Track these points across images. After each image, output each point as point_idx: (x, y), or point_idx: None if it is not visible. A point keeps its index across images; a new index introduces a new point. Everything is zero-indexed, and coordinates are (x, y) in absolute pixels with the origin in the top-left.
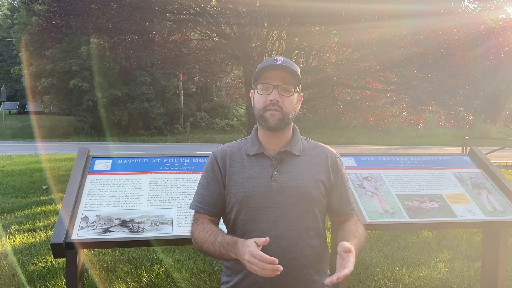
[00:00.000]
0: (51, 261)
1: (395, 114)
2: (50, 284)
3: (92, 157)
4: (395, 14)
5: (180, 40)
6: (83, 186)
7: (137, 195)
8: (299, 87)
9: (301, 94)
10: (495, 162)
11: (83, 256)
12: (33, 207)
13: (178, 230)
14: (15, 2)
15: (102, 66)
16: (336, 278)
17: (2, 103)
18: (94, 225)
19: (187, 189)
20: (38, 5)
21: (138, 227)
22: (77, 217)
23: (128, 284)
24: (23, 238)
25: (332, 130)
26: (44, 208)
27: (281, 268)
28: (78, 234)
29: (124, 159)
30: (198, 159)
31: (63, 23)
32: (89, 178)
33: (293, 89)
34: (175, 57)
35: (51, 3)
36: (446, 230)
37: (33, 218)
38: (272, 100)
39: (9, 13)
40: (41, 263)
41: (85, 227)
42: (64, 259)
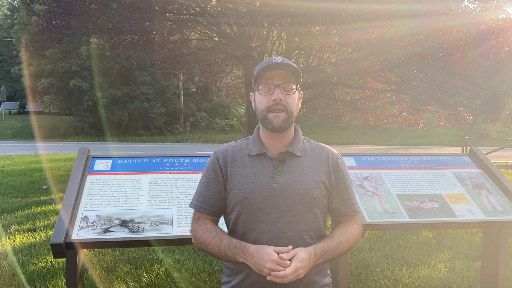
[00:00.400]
0: (51, 261)
1: (395, 114)
2: (50, 284)
3: (92, 157)
4: (395, 14)
5: (180, 40)
6: (83, 186)
7: (137, 195)
8: (299, 85)
9: (301, 92)
10: (495, 162)
11: (83, 256)
12: (33, 207)
13: (178, 230)
14: (15, 2)
15: (102, 66)
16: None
17: (2, 103)
18: (94, 225)
19: (187, 189)
20: (38, 5)
21: (138, 227)
22: (77, 217)
23: (128, 284)
24: (23, 238)
25: (332, 130)
26: (44, 208)
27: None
28: (78, 234)
29: (124, 159)
30: (198, 159)
31: (63, 23)
32: (89, 178)
33: (295, 87)
34: (175, 57)
35: (51, 3)
36: (446, 230)
37: (33, 218)
38: (276, 100)
39: (9, 13)
40: (41, 263)
41: (85, 227)
42: (64, 259)
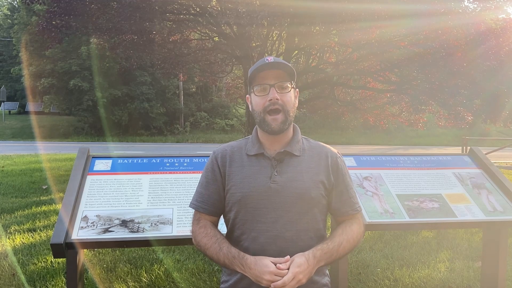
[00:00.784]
0: (51, 261)
1: (395, 114)
2: (50, 284)
3: (92, 157)
4: (395, 14)
5: (180, 40)
6: (83, 186)
7: (137, 195)
8: (294, 83)
9: (297, 90)
10: (495, 162)
11: (83, 256)
12: (33, 207)
13: (178, 230)
14: (15, 2)
15: (102, 66)
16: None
17: (2, 103)
18: (94, 225)
19: (187, 189)
20: (38, 5)
21: (138, 227)
22: (77, 217)
23: (128, 284)
24: (23, 238)
25: (332, 130)
26: (44, 208)
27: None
28: (78, 234)
29: (124, 159)
30: (198, 159)
31: (63, 23)
32: (89, 178)
33: (290, 85)
34: (175, 57)
35: (51, 3)
36: (446, 230)
37: (33, 218)
38: (272, 100)
39: (9, 13)
40: (41, 263)
41: (85, 227)
42: (64, 259)
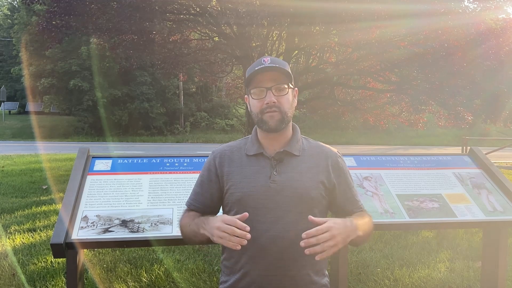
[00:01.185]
0: (51, 261)
1: (395, 114)
2: (50, 284)
3: (92, 157)
4: (395, 14)
5: (180, 40)
6: (83, 186)
7: (137, 195)
8: (292, 83)
9: (296, 89)
10: (495, 162)
11: (83, 256)
12: (33, 207)
13: (178, 230)
14: (15, 2)
15: (102, 66)
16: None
17: (2, 103)
18: (94, 225)
19: (187, 189)
20: (38, 5)
21: (138, 227)
22: (77, 217)
23: (128, 284)
24: (23, 238)
25: (332, 130)
26: (44, 208)
27: (249, 236)
28: (78, 234)
29: (124, 159)
30: (198, 159)
31: (63, 23)
32: (89, 178)
33: (287, 87)
34: (175, 57)
35: (51, 3)
36: (446, 230)
37: (33, 218)
38: (269, 103)
39: (9, 13)
40: (41, 263)
41: (85, 227)
42: (64, 259)
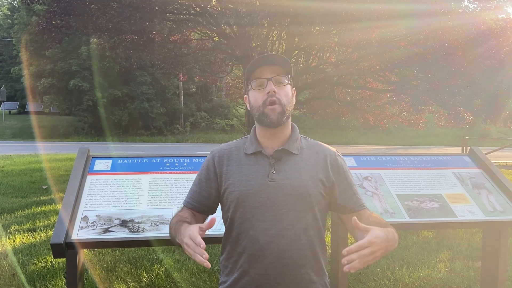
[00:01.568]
0: (51, 261)
1: (395, 114)
2: (50, 284)
3: (92, 157)
4: (395, 14)
5: (180, 40)
6: (83, 186)
7: (137, 195)
8: (291, 79)
9: (294, 89)
10: (495, 162)
11: (83, 256)
12: (33, 207)
13: None
14: (15, 2)
15: (102, 66)
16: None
17: (2, 103)
18: (94, 225)
19: (187, 189)
20: (38, 5)
21: (138, 227)
22: (77, 217)
23: (128, 284)
24: (23, 238)
25: (332, 130)
26: (44, 208)
27: (206, 256)
28: (78, 234)
29: (124, 159)
30: (198, 159)
31: (63, 23)
32: (89, 178)
33: (286, 80)
34: (175, 57)
35: (51, 3)
36: (446, 230)
37: (33, 218)
38: (270, 92)
39: (9, 13)
40: (41, 263)
41: (85, 227)
42: (64, 259)
